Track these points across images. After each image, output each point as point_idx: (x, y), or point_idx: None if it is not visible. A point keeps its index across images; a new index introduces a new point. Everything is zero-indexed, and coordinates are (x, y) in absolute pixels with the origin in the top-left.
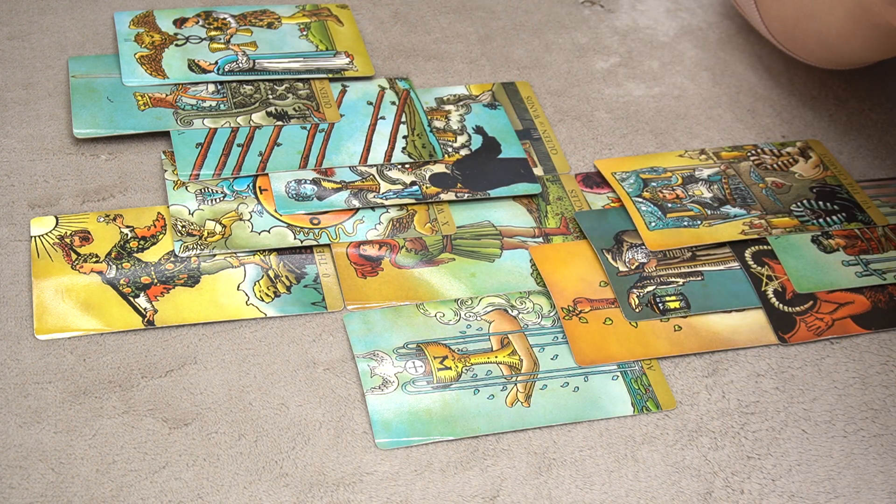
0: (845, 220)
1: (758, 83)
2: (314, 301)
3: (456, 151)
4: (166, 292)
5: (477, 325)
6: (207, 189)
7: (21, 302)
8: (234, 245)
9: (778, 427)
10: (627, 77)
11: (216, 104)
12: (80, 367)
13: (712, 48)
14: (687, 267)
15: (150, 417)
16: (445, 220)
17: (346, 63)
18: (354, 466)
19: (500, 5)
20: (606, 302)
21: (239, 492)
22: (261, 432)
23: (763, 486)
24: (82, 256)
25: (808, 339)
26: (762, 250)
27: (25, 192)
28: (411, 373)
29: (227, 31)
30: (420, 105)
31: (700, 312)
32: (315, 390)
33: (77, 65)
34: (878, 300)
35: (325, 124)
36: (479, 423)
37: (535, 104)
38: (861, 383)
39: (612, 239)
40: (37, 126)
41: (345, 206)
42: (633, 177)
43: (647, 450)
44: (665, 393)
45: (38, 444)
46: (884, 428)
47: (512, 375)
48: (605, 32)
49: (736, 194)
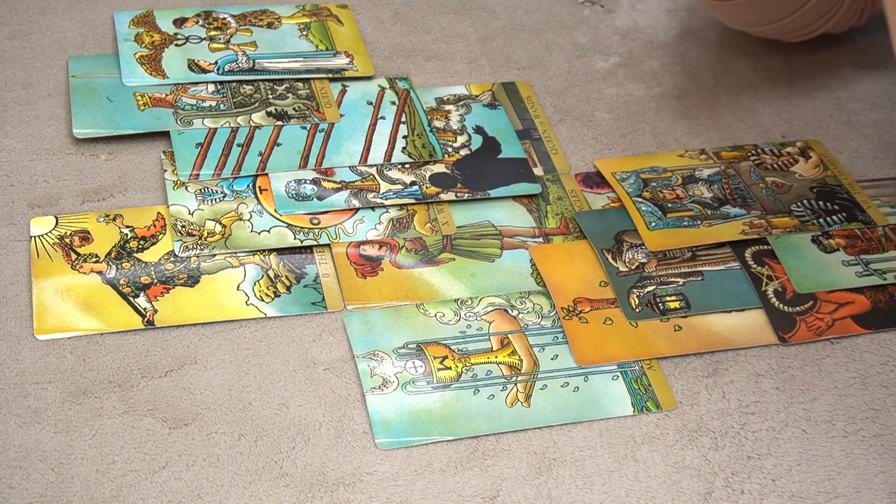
0: (845, 220)
1: (758, 83)
2: (314, 301)
3: (456, 151)
4: (166, 292)
5: (477, 325)
6: (207, 189)
7: (21, 302)
8: (233, 245)
9: (778, 427)
10: (627, 77)
11: (216, 104)
12: (80, 367)
13: (713, 48)
14: (687, 267)
15: (150, 417)
16: (445, 220)
17: (346, 63)
18: (354, 466)
19: (500, 5)
20: (606, 302)
21: (239, 492)
22: (261, 432)
23: (763, 486)
24: (82, 256)
25: (808, 339)
26: (762, 250)
27: (25, 192)
28: (411, 373)
29: (226, 31)
30: (420, 105)
31: (700, 312)
32: (315, 390)
33: (77, 65)
34: (879, 300)
35: (325, 124)
36: (479, 423)
37: (535, 104)
38: (861, 383)
39: (612, 239)
40: (37, 126)
41: (345, 206)
42: (633, 177)
43: (647, 450)
44: (665, 393)
45: (38, 444)
46: (884, 428)
47: (512, 375)
48: (606, 32)
49: (736, 194)
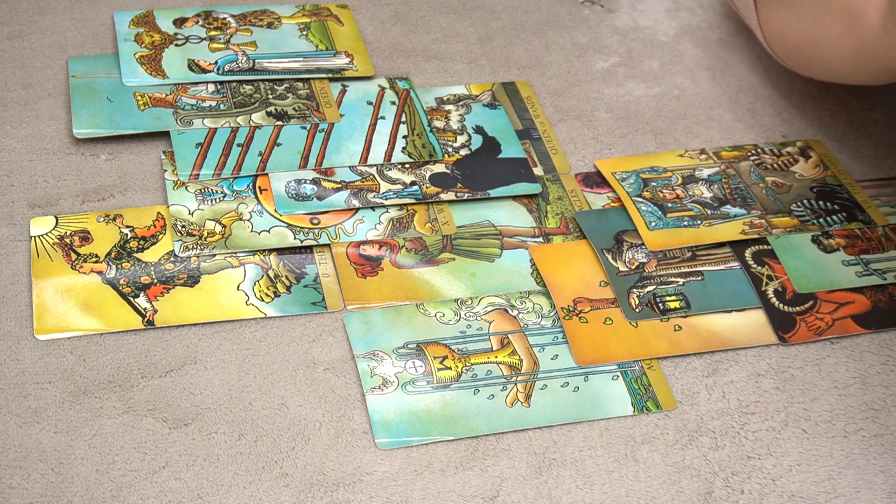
0: (845, 220)
1: (758, 83)
2: (314, 301)
3: (456, 151)
4: (166, 292)
5: (477, 325)
6: (207, 189)
7: (21, 302)
8: (233, 245)
9: (778, 427)
10: (627, 77)
11: (216, 104)
12: (80, 367)
13: (712, 48)
14: (687, 267)
15: (150, 417)
16: (445, 219)
17: (346, 63)
18: (354, 466)
19: (500, 5)
20: (606, 302)
21: (239, 492)
22: (261, 432)
23: (763, 486)
24: (82, 256)
25: (808, 338)
26: (762, 250)
27: (25, 192)
28: (411, 373)
29: (226, 31)
30: (420, 105)
31: (700, 312)
32: (315, 390)
33: (77, 65)
34: (879, 300)
35: (325, 124)
36: (479, 423)
37: (535, 104)
38: (861, 383)
39: (612, 239)
40: (37, 126)
41: (345, 206)
42: (633, 177)
43: (648, 450)
44: (665, 393)
45: (38, 444)
46: (884, 428)
47: (512, 375)
48: (605, 32)
49: (736, 194)
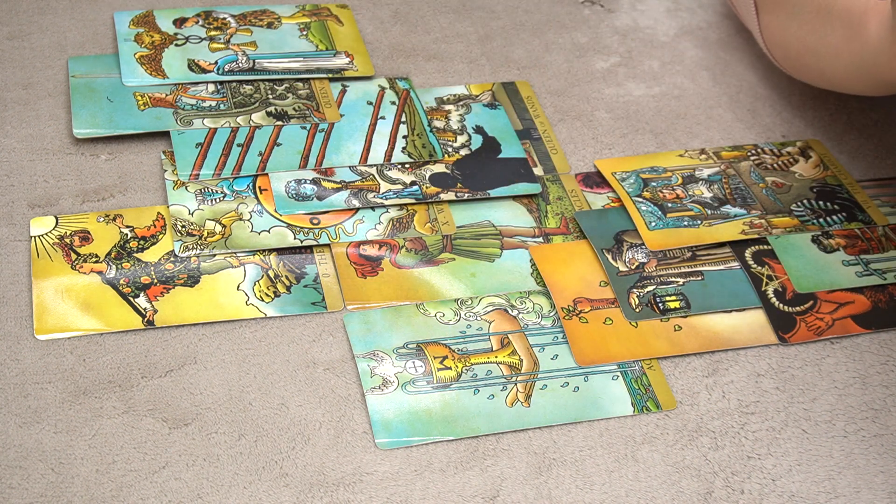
0: (845, 220)
1: (758, 83)
2: (314, 301)
3: (456, 151)
4: (166, 292)
5: (477, 325)
6: (207, 189)
7: (21, 302)
8: (233, 245)
9: (778, 427)
10: (627, 77)
11: (216, 104)
12: (80, 367)
13: (712, 48)
14: (687, 267)
15: (150, 417)
16: (445, 219)
17: (346, 63)
18: (354, 466)
19: (500, 5)
20: (606, 302)
21: (239, 492)
22: (261, 432)
23: (763, 486)
24: (82, 256)
25: (808, 338)
26: (762, 250)
27: (25, 192)
28: (411, 373)
29: (226, 31)
30: (420, 105)
31: (700, 312)
32: (315, 390)
33: (77, 65)
34: (879, 300)
35: (325, 124)
36: (479, 423)
37: (535, 104)
38: (861, 383)
39: (612, 239)
40: (37, 126)
41: (345, 206)
42: (633, 177)
43: (647, 450)
44: (665, 393)
45: (38, 444)
46: (884, 428)
47: (512, 375)
48: (605, 32)
49: (736, 194)
